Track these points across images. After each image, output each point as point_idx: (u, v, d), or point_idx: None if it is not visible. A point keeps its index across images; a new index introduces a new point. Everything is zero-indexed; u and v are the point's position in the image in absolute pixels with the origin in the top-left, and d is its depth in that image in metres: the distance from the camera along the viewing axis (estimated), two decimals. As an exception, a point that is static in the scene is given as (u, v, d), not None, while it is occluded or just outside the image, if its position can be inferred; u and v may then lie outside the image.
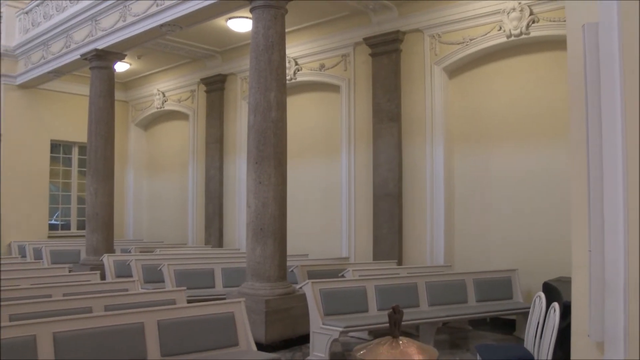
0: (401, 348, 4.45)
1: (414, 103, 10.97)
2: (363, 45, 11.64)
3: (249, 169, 8.54)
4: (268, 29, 8.53)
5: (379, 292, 8.10)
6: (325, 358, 7.30)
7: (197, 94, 15.99)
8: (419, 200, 10.79)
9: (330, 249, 12.24)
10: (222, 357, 5.65)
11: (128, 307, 6.16)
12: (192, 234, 15.93)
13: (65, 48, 13.82)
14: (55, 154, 17.40)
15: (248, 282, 8.40)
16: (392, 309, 4.65)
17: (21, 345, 4.78)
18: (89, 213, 12.54)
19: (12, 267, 9.79)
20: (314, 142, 13.02)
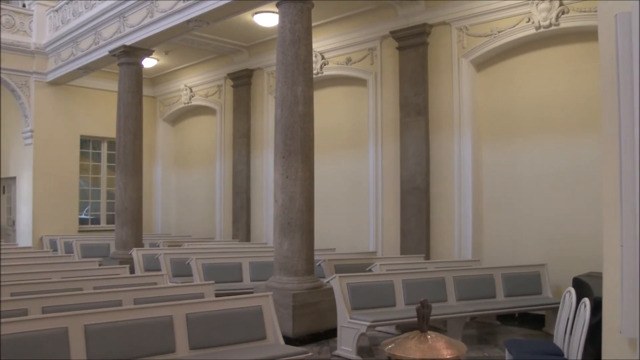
0: (429, 343, 4.45)
1: (442, 96, 10.89)
2: (390, 38, 11.59)
3: (276, 163, 8.57)
4: (294, 24, 8.53)
5: (406, 286, 8.08)
6: (352, 352, 7.31)
7: (224, 89, 16.06)
8: (447, 194, 10.72)
9: (357, 243, 12.23)
10: (250, 351, 5.67)
11: (157, 300, 6.25)
12: (220, 228, 16.03)
13: (94, 45, 13.97)
14: (85, 150, 17.64)
15: (275, 276, 8.44)
16: (420, 303, 4.65)
17: (53, 337, 4.87)
18: (118, 207, 12.69)
19: (44, 260, 9.96)
20: (341, 136, 13.00)
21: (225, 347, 5.72)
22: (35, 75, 16.06)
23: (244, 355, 5.51)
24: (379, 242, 11.73)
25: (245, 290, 9.00)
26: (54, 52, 15.75)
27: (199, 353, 5.54)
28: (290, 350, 5.82)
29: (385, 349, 4.49)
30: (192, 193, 17.76)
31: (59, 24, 15.37)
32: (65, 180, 16.61)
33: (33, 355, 4.71)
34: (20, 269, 8.62)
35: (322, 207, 11.25)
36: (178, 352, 5.47)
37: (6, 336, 4.65)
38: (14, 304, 5.83)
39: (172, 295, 6.58)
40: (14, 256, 10.55)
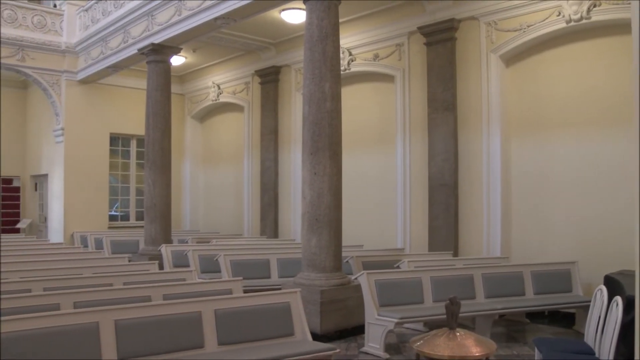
0: (458, 340, 4.42)
1: (470, 92, 10.80)
2: (417, 34, 11.52)
3: (304, 160, 8.57)
4: (322, 20, 8.51)
5: (434, 283, 8.04)
6: (380, 349, 7.30)
7: (252, 86, 16.12)
8: (476, 190, 10.64)
9: (385, 239, 12.20)
10: (278, 347, 5.69)
11: (186, 296, 6.28)
12: (248, 225, 16.11)
13: (123, 43, 14.12)
14: (114, 147, 17.86)
15: (303, 273, 8.45)
16: (449, 300, 4.62)
17: (85, 332, 4.95)
18: (147, 204, 12.81)
19: (75, 256, 10.11)
20: (368, 133, 12.97)
21: (253, 343, 5.75)
22: (66, 74, 16.29)
23: (272, 351, 5.53)
24: (407, 238, 11.69)
25: (273, 286, 9.02)
26: (84, 51, 15.95)
27: (228, 349, 5.57)
28: (318, 347, 5.83)
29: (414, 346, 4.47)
30: (220, 190, 17.87)
31: (88, 23, 15.56)
32: (95, 178, 16.84)
33: (65, 349, 4.79)
34: (52, 265, 8.76)
35: (349, 204, 11.23)
36: (207, 348, 5.51)
37: (39, 330, 4.74)
38: (47, 299, 5.92)
39: (200, 292, 6.62)
40: (46, 252, 10.72)
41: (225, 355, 5.41)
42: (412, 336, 7.25)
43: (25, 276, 7.64)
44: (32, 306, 5.62)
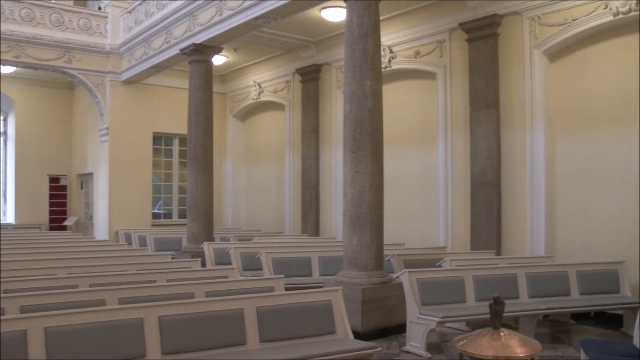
0: (502, 340, 4.36)
1: (513, 89, 10.64)
2: (459, 30, 11.39)
3: (345, 158, 8.55)
4: (362, 18, 8.48)
5: (476, 282, 7.95)
6: (421, 348, 7.25)
7: (293, 85, 16.17)
8: (519, 188, 10.48)
9: (426, 238, 12.11)
10: (320, 345, 5.69)
11: (228, 293, 6.33)
12: (289, 223, 16.17)
13: (165, 44, 14.32)
14: (157, 146, 18.12)
15: (345, 271, 8.44)
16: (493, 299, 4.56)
17: (129, 327, 5.04)
18: (190, 202, 12.96)
19: (120, 253, 10.28)
20: (409, 131, 12.88)
21: (295, 340, 5.77)
22: (110, 75, 16.61)
23: (313, 349, 5.53)
24: (449, 237, 11.58)
25: (314, 284, 9.04)
26: (128, 52, 16.22)
27: (269, 346, 5.60)
28: (360, 345, 5.81)
29: (457, 345, 4.43)
30: (262, 188, 17.98)
31: (132, 25, 15.82)
32: (139, 176, 17.12)
33: (110, 344, 4.89)
34: (98, 262, 8.94)
35: (391, 202, 11.19)
36: (248, 345, 5.55)
37: (85, 325, 4.85)
38: (93, 295, 6.06)
39: (242, 289, 6.68)
40: (92, 249, 10.94)
41: (267, 352, 5.43)
42: (454, 335, 7.19)
43: (73, 272, 7.80)
44: (79, 301, 5.75)
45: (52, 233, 16.33)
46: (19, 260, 8.74)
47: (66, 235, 14.64)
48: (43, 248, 10.78)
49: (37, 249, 10.64)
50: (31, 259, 8.92)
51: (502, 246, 10.65)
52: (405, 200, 12.75)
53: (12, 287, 6.64)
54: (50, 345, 4.66)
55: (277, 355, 5.33)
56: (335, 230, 14.33)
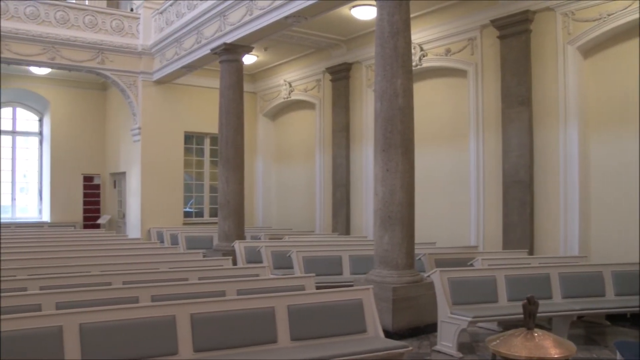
0: (536, 341, 4.30)
1: (546, 86, 10.50)
2: (490, 27, 11.28)
3: (376, 156, 8.53)
4: (392, 16, 8.44)
5: (509, 282, 7.86)
6: (453, 348, 7.20)
7: (323, 83, 16.18)
8: (552, 187, 10.34)
9: (458, 237, 12.03)
10: (351, 344, 5.68)
11: (259, 292, 6.37)
12: (320, 221, 16.18)
13: (196, 44, 14.43)
14: (189, 145, 18.28)
15: (376, 270, 8.42)
16: (526, 299, 4.50)
17: (162, 324, 5.09)
18: (221, 201, 13.05)
19: (152, 251, 10.38)
20: (440, 129, 12.80)
21: (325, 339, 5.76)
22: (142, 75, 16.81)
23: (344, 347, 5.53)
24: (480, 236, 11.48)
25: (345, 283, 9.03)
26: (159, 52, 16.39)
27: (300, 344, 5.60)
28: (391, 344, 5.79)
29: (490, 345, 4.38)
30: (292, 186, 18.02)
31: (163, 25, 15.98)
32: (170, 175, 17.30)
33: (143, 340, 4.94)
34: (131, 259, 9.04)
35: (422, 201, 11.12)
36: (280, 343, 5.56)
37: (119, 321, 4.92)
38: (126, 292, 6.13)
39: (273, 287, 6.69)
40: (125, 247, 11.08)
41: (298, 351, 5.43)
42: (485, 335, 7.14)
43: (106, 270, 7.91)
44: (112, 299, 5.82)
45: (86, 231, 16.58)
46: (54, 258, 8.90)
47: (100, 234, 14.86)
48: (77, 246, 10.94)
49: (72, 246, 10.81)
50: (66, 257, 9.07)
51: (534, 245, 10.52)
52: (436, 199, 12.67)
53: (48, 283, 6.78)
54: (85, 341, 4.74)
55: (308, 353, 5.34)
56: (366, 229, 14.30)
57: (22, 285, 6.66)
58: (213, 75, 16.05)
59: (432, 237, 12.13)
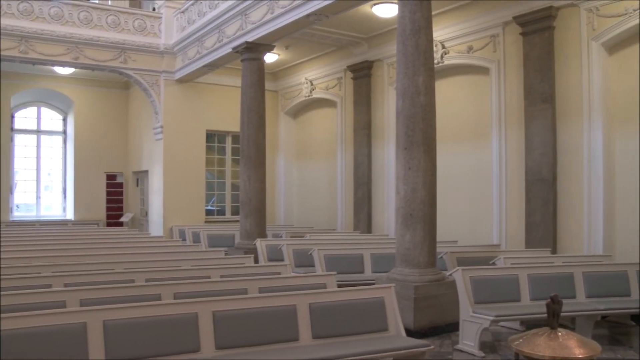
0: (560, 340, 4.25)
1: (570, 83, 10.38)
2: (513, 24, 11.18)
3: (397, 154, 8.50)
4: (414, 13, 8.41)
5: (532, 281, 7.80)
6: (474, 347, 7.16)
7: (344, 81, 16.16)
8: (576, 185, 10.23)
9: (479, 235, 11.95)
10: (372, 342, 5.68)
11: (280, 290, 6.37)
12: (341, 220, 16.17)
13: (218, 42, 14.49)
14: (211, 144, 18.36)
15: (397, 268, 8.40)
16: (550, 298, 4.45)
17: (184, 322, 5.13)
18: (243, 199, 13.09)
19: (174, 249, 10.46)
20: (462, 127, 12.73)
21: (347, 337, 5.76)
22: (165, 74, 16.91)
23: (366, 346, 5.52)
24: (503, 234, 11.40)
25: (367, 281, 9.02)
26: (181, 51, 16.48)
27: (322, 342, 5.61)
28: (412, 343, 5.77)
29: (513, 344, 4.34)
30: (314, 185, 18.03)
31: (185, 25, 16.06)
32: (192, 173, 17.40)
33: (165, 337, 4.98)
34: (153, 257, 9.11)
35: (443, 199, 11.06)
36: (301, 341, 5.57)
37: (142, 319, 4.97)
38: (149, 289, 6.19)
39: (295, 285, 6.71)
40: (147, 245, 11.16)
41: (319, 349, 5.43)
42: (507, 335, 7.08)
43: (129, 267, 7.98)
44: (135, 296, 5.88)
45: (109, 229, 16.75)
46: (78, 255, 8.99)
47: (122, 231, 14.99)
48: (101, 244, 11.05)
49: (96, 244, 10.91)
50: (90, 254, 9.16)
51: (557, 244, 10.42)
52: (458, 197, 12.60)
53: (72, 281, 6.86)
54: (109, 338, 4.79)
55: (330, 351, 5.34)
56: (387, 227, 14.27)
57: (46, 282, 6.76)
58: (235, 74, 16.11)
59: (454, 235, 12.07)
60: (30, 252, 9.21)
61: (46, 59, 15.36)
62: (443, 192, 11.13)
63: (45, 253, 9.17)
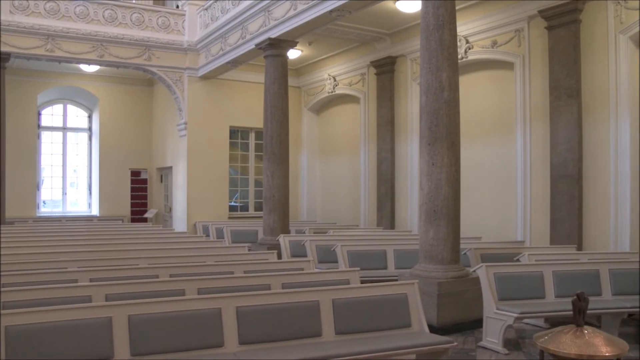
0: (586, 338, 4.18)
1: (596, 77, 10.24)
2: (538, 18, 11.05)
3: (421, 150, 8.46)
4: (438, 8, 8.34)
5: (557, 278, 7.72)
6: (498, 344, 7.10)
7: (367, 77, 16.12)
8: (602, 181, 10.09)
9: (504, 232, 11.86)
10: (395, 338, 5.66)
11: (304, 285, 6.39)
12: (364, 216, 16.15)
13: (241, 39, 14.52)
14: (234, 140, 18.43)
15: (420, 264, 8.36)
16: (576, 295, 4.40)
17: (208, 317, 5.17)
18: (266, 195, 13.13)
19: (198, 245, 10.52)
20: (486, 122, 12.63)
21: (370, 333, 5.76)
22: (188, 71, 17.01)
23: (389, 342, 5.52)
24: (527, 231, 11.30)
25: (390, 277, 9.00)
26: (205, 48, 16.56)
27: (345, 338, 5.61)
28: (436, 339, 5.75)
29: (538, 342, 4.30)
30: (337, 181, 18.02)
31: (208, 22, 16.13)
32: (216, 170, 17.50)
33: (189, 332, 5.03)
34: (177, 253, 9.17)
35: (467, 195, 11.00)
36: (324, 337, 5.58)
37: (166, 313, 5.02)
38: (173, 285, 6.22)
39: (318, 281, 6.72)
40: (171, 240, 11.25)
41: (342, 344, 5.44)
42: (531, 332, 7.03)
43: (153, 263, 8.04)
44: (160, 291, 5.92)
45: (133, 225, 16.89)
46: (104, 251, 9.09)
47: (147, 227, 15.12)
48: (126, 239, 11.15)
49: (121, 240, 11.02)
50: (115, 250, 9.26)
51: (583, 241, 10.30)
52: (481, 193, 12.52)
53: (98, 275, 6.94)
54: (133, 332, 4.84)
55: (353, 347, 5.34)
56: (410, 223, 14.22)
57: (73, 277, 6.84)
58: (258, 70, 16.16)
59: (478, 231, 11.99)
60: (57, 248, 9.32)
61: (72, 57, 15.55)
62: (467, 188, 11.09)
63: (71, 248, 9.28)
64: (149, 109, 20.68)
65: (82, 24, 15.43)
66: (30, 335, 4.49)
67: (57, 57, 15.42)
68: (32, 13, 14.83)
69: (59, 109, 20.52)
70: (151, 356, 4.85)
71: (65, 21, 15.23)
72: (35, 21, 14.80)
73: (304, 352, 5.14)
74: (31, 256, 8.30)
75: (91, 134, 20.71)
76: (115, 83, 19.93)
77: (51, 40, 15.02)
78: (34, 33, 14.77)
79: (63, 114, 20.57)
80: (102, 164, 19.85)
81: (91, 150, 20.65)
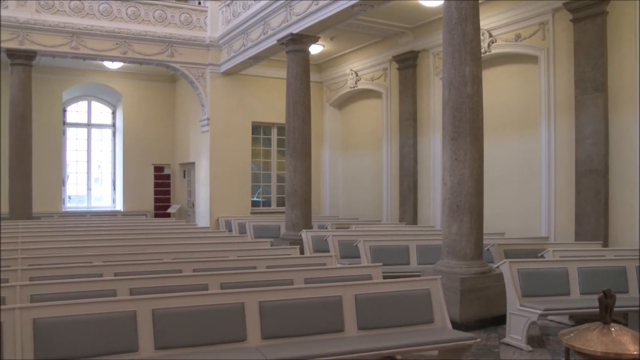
0: (613, 336, 4.13)
1: (623, 70, 10.08)
2: (563, 10, 10.91)
3: (444, 145, 8.40)
4: (461, 1, 8.26)
5: (582, 274, 7.62)
6: (522, 341, 7.04)
7: (390, 72, 16.05)
8: (629, 176, 9.94)
9: (527, 227, 11.75)
10: (418, 334, 5.64)
11: (326, 280, 6.38)
12: (387, 211, 16.11)
13: (263, 35, 14.54)
14: (256, 135, 18.48)
15: (443, 260, 8.31)
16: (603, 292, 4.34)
17: (231, 312, 5.19)
18: (288, 190, 13.14)
19: (221, 240, 10.57)
20: (510, 116, 12.50)
21: (393, 328, 5.73)
22: (210, 67, 17.09)
23: (411, 338, 5.49)
24: (552, 227, 11.18)
25: (412, 273, 8.97)
26: (227, 44, 16.61)
27: (367, 333, 5.60)
28: (459, 335, 5.72)
29: (564, 339, 4.25)
30: (359, 176, 17.99)
31: (230, 18, 16.17)
32: (238, 165, 17.57)
33: (212, 327, 5.05)
34: (200, 248, 9.22)
35: (491, 190, 10.91)
36: (347, 332, 5.56)
37: (189, 308, 5.06)
38: (196, 279, 6.25)
39: (340, 276, 6.70)
40: (194, 235, 11.30)
41: (365, 340, 5.42)
42: (556, 329, 6.95)
43: (177, 258, 8.07)
44: (183, 286, 5.97)
45: (157, 220, 17.03)
46: (128, 245, 9.16)
47: (170, 222, 15.21)
48: (149, 234, 11.23)
49: (144, 235, 11.10)
50: (139, 245, 9.33)
51: (609, 237, 10.16)
52: (505, 188, 12.41)
53: (122, 270, 7.00)
54: (157, 326, 4.88)
55: (376, 343, 5.33)
56: (433, 218, 14.16)
57: (98, 272, 6.91)
58: (280, 66, 16.16)
59: (501, 227, 11.90)
60: (82, 242, 9.42)
61: (96, 54, 15.73)
62: (490, 183, 10.99)
63: (96, 243, 9.38)
64: (172, 105, 20.81)
65: (106, 22, 15.59)
66: (57, 328, 4.55)
67: (82, 55, 15.61)
68: (57, 11, 15.05)
69: (83, 106, 20.74)
70: (175, 350, 4.88)
71: (89, 19, 15.41)
72: (60, 19, 15.03)
73: (326, 348, 5.14)
74: (57, 250, 8.42)
75: (115, 130, 20.90)
76: (139, 79, 20.09)
77: (76, 38, 15.20)
78: (59, 31, 15.01)
79: (87, 111, 20.78)
80: (125, 160, 20.04)
81: (115, 146, 20.85)
